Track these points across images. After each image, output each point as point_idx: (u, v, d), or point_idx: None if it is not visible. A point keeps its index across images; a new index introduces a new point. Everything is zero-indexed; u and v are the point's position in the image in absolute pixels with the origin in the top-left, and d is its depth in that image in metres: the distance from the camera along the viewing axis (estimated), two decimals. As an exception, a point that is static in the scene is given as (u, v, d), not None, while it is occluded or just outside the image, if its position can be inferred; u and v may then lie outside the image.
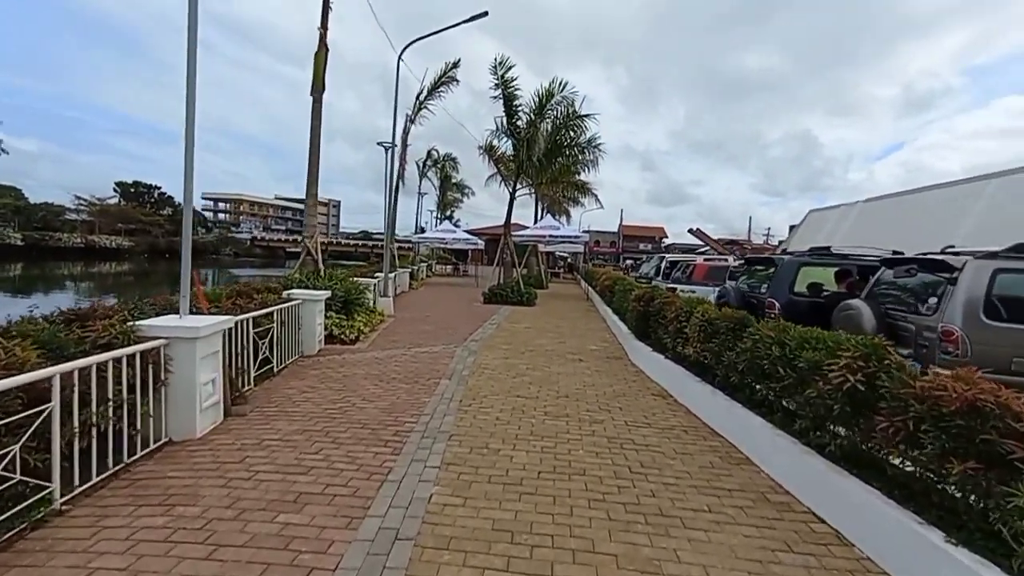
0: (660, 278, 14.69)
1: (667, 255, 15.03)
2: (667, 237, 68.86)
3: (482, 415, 4.65)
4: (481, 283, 20.12)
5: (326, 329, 7.74)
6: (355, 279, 10.58)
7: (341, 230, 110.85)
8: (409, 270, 18.82)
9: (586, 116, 13.57)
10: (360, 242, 75.33)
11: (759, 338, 4.01)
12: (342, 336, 7.88)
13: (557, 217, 21.62)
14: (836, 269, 6.99)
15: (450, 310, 12.98)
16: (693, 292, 10.20)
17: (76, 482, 2.93)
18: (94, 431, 3.07)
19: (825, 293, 6.98)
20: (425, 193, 30.13)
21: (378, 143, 14.09)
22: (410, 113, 21.05)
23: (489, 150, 16.22)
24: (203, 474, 3.23)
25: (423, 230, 31.35)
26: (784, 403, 3.84)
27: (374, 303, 11.23)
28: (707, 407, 4.75)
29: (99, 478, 3.09)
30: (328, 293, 7.64)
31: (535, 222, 23.26)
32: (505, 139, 15.41)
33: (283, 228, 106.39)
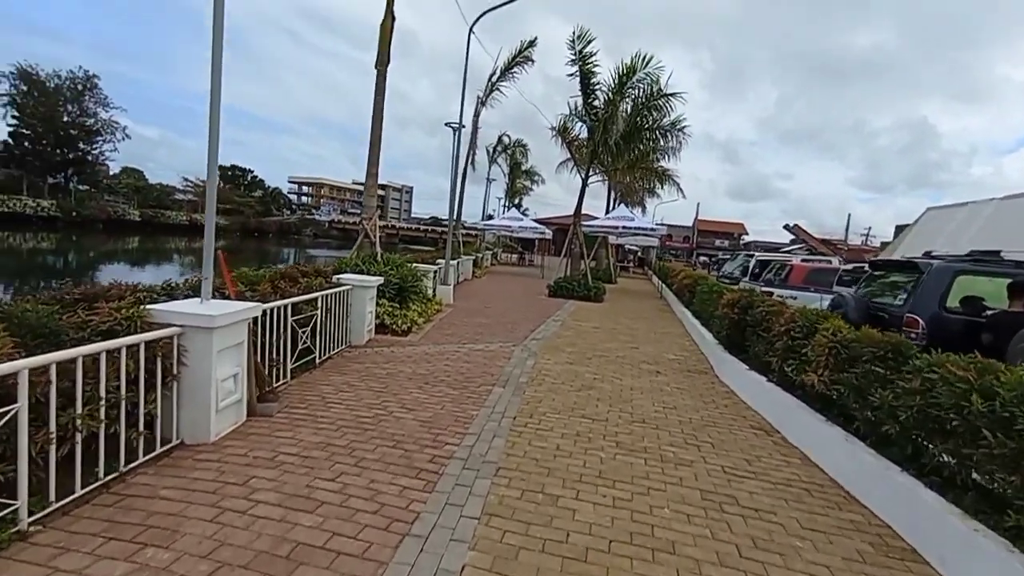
0: (747, 279, 13.00)
1: (756, 253, 13.26)
2: (747, 234, 64.39)
3: (538, 441, 3.80)
4: (547, 274, 19.25)
5: (377, 318, 7.25)
6: (414, 265, 10.11)
7: (412, 215, 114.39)
8: (473, 257, 18.34)
9: (672, 95, 12.13)
10: (429, 227, 77.01)
11: (939, 378, 2.80)
12: (394, 326, 7.35)
13: (631, 208, 20.15)
14: (1010, 281, 5.36)
15: (512, 302, 12.24)
16: (793, 299, 8.67)
17: (52, 498, 2.46)
18: (78, 436, 2.61)
19: (989, 312, 5.39)
20: (493, 179, 29.63)
21: (446, 124, 13.55)
22: (481, 95, 20.45)
23: (563, 132, 14.95)
24: (197, 497, 2.66)
25: (491, 217, 30.93)
26: (976, 477, 2.65)
27: (433, 291, 10.73)
28: (839, 460, 3.58)
29: (85, 491, 2.62)
30: (380, 280, 7.12)
31: (607, 212, 21.94)
32: (579, 123, 14.29)
33: (358, 212, 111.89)
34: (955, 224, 21.36)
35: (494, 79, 19.95)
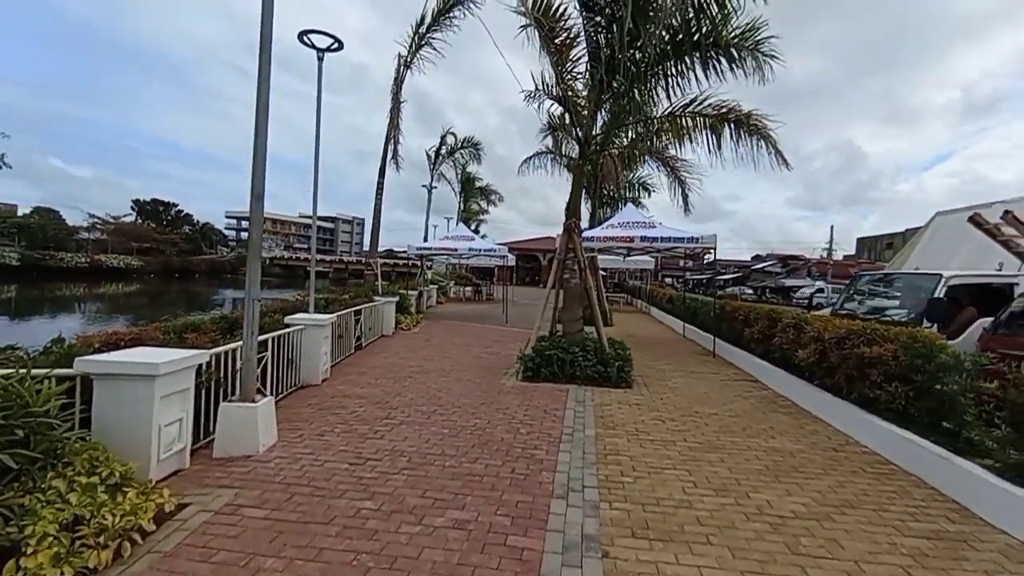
0: (932, 326, 6.39)
1: (944, 273, 6.86)
2: (713, 252, 61.09)
3: None
4: (512, 314, 12.24)
5: None
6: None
7: (364, 248, 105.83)
8: (394, 299, 11.11)
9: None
10: (382, 260, 68.76)
11: None
12: None
13: (639, 207, 13.54)
14: None
15: (439, 423, 5.09)
16: None
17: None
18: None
19: None
20: (436, 187, 22.93)
21: (301, 35, 6.60)
22: (405, 53, 13.74)
23: (544, 16, 6.96)
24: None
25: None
26: None
27: (197, 436, 3.49)
28: None
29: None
30: None
31: (591, 224, 15.20)
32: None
33: (305, 247, 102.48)
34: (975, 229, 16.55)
35: (422, 29, 13.35)
